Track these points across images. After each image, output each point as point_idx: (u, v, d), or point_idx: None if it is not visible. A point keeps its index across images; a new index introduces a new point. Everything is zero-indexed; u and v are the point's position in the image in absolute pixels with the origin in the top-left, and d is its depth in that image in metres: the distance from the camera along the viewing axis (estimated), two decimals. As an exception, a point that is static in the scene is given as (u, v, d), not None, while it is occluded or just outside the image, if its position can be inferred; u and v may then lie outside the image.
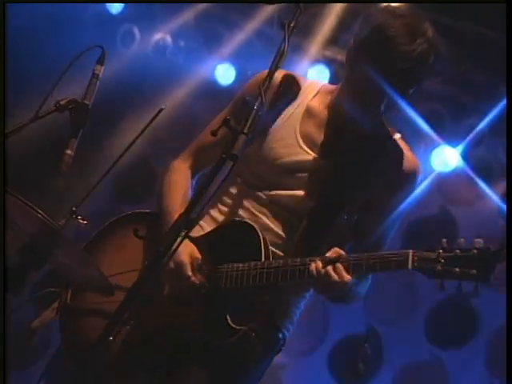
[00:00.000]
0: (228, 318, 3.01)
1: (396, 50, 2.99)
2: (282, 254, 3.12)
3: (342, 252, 2.94)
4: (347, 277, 2.89)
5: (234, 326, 3.01)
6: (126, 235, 3.27)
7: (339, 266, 2.90)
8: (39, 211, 2.72)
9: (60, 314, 3.28)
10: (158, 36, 6.81)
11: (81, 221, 3.14)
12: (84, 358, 3.03)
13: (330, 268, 2.90)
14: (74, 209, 3.13)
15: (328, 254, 2.93)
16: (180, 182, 3.29)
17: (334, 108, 3.20)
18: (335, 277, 2.89)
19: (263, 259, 3.03)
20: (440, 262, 2.79)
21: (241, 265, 3.03)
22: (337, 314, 6.80)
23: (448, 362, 6.69)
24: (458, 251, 2.78)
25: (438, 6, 5.61)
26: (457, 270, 2.77)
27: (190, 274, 3.04)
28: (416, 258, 2.82)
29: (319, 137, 3.18)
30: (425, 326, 6.81)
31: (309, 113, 3.21)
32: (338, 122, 3.19)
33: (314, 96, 3.24)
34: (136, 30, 6.82)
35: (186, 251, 3.03)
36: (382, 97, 3.06)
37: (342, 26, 5.96)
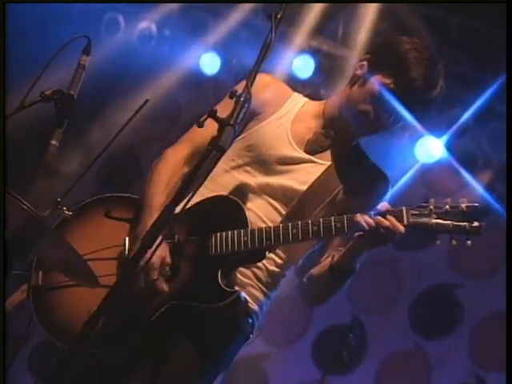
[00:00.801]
0: (219, 281, 3.07)
1: (413, 95, 3.16)
2: None
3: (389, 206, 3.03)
4: (400, 226, 2.97)
5: (226, 288, 3.07)
6: (96, 217, 3.29)
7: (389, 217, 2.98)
8: (24, 202, 2.71)
9: (32, 296, 3.27)
10: (142, 25, 6.77)
11: (66, 212, 3.14)
12: (66, 334, 3.10)
13: (380, 218, 2.99)
14: (58, 199, 3.12)
15: (378, 207, 3.03)
16: (168, 176, 3.29)
17: (328, 113, 3.33)
18: (387, 223, 2.97)
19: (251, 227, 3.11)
20: (432, 216, 2.96)
21: (230, 232, 3.10)
22: (321, 304, 6.82)
23: (432, 351, 6.73)
24: (447, 207, 2.95)
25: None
26: (449, 223, 2.94)
27: (155, 277, 3.08)
28: (410, 214, 2.98)
29: (308, 137, 3.30)
30: (409, 316, 6.84)
31: (298, 118, 3.34)
32: (330, 126, 3.32)
33: (302, 106, 3.37)
34: (121, 19, 6.79)
35: (159, 254, 3.05)
36: (386, 113, 3.19)
37: (328, 16, 5.96)
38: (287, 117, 3.32)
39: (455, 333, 6.72)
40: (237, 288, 3.16)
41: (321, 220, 3.05)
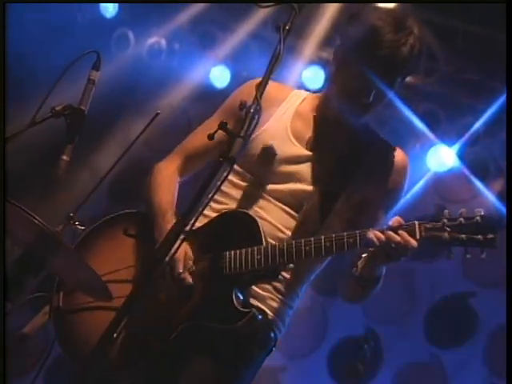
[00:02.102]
0: (234, 301, 3.04)
1: (379, 40, 3.03)
2: None
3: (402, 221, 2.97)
4: (413, 241, 2.91)
5: (241, 309, 3.04)
6: (115, 235, 3.29)
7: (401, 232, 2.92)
8: (37, 217, 2.71)
9: (53, 318, 3.28)
10: (152, 39, 6.81)
11: (79, 226, 3.14)
12: (85, 357, 3.05)
13: (391, 233, 2.93)
14: (71, 214, 3.13)
15: (390, 223, 2.97)
16: (167, 181, 3.31)
17: (321, 106, 3.28)
18: (399, 239, 2.91)
19: (264, 245, 3.07)
20: (446, 230, 2.89)
21: (243, 250, 3.06)
22: (336, 315, 6.80)
23: (447, 361, 6.69)
24: (461, 219, 2.88)
25: (433, 4, 5.61)
26: (463, 236, 2.87)
27: (180, 270, 3.07)
28: (423, 228, 2.91)
29: (308, 134, 3.25)
30: (424, 327, 6.81)
31: (298, 115, 3.28)
32: (326, 118, 3.26)
33: (302, 102, 3.32)
34: (130, 34, 6.81)
35: (181, 248, 3.03)
36: (367, 90, 3.08)
37: (337, 27, 5.95)
38: (286, 116, 3.26)
39: (471, 342, 6.67)
40: (255, 302, 3.14)
41: (333, 236, 3.00)
